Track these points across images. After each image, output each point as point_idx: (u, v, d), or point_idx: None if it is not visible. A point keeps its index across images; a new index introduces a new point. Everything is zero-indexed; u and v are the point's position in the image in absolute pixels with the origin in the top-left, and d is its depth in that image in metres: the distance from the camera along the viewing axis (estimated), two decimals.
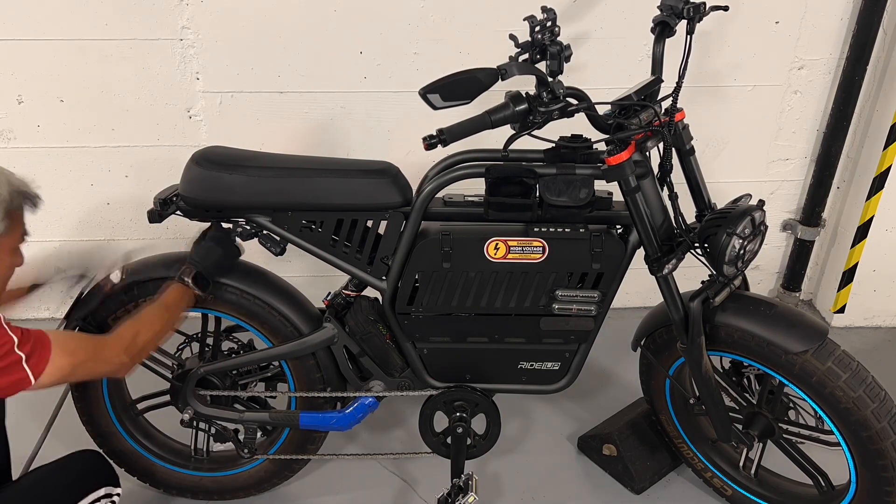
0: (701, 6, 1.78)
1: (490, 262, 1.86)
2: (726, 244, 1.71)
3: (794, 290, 3.15)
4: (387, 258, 1.91)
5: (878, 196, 2.82)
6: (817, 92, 2.79)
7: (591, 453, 2.39)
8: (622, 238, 1.88)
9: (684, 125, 1.85)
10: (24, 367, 1.48)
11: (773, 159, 2.91)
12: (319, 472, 2.34)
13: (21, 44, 2.51)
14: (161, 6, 2.48)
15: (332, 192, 1.85)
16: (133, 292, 1.95)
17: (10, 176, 1.55)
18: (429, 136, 1.56)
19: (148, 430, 2.22)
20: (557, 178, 1.78)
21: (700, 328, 1.84)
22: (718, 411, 1.97)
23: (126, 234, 2.86)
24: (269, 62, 2.59)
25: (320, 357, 2.02)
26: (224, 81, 2.60)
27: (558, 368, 2.02)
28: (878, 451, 1.79)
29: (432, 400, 2.06)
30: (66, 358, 1.54)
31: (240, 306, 1.97)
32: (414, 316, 1.95)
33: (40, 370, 1.50)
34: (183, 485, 2.22)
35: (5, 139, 2.67)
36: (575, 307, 1.90)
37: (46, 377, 1.52)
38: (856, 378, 1.78)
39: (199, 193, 1.87)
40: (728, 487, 2.19)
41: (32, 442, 2.43)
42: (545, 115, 1.57)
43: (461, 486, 1.94)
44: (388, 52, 2.59)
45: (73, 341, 1.61)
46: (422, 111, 1.68)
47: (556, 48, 1.60)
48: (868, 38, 2.63)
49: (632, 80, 1.88)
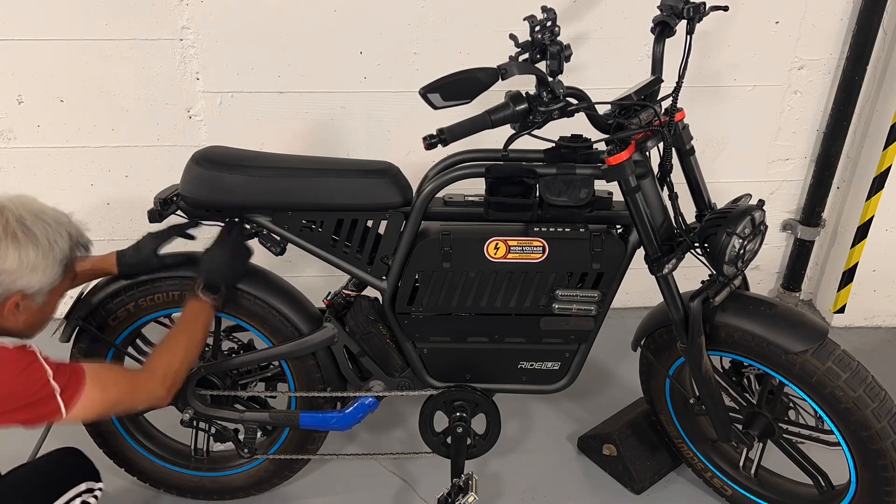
0: (701, 6, 1.78)
1: (490, 261, 1.86)
2: (726, 244, 1.71)
3: (794, 290, 3.15)
4: (387, 258, 1.91)
5: (878, 196, 2.82)
6: (817, 92, 2.79)
7: (591, 453, 2.39)
8: (622, 238, 1.88)
9: (684, 125, 1.85)
10: (57, 399, 1.49)
11: (773, 159, 2.91)
12: (319, 472, 2.34)
13: (21, 44, 2.51)
14: (161, 6, 2.48)
15: (332, 192, 1.85)
16: (133, 292, 1.95)
17: (68, 226, 1.58)
18: (429, 136, 1.56)
19: (148, 430, 2.22)
20: (557, 178, 1.78)
21: (700, 328, 1.84)
22: (718, 411, 1.97)
23: (126, 234, 2.86)
24: (269, 62, 2.59)
25: (320, 357, 2.02)
26: (224, 81, 2.60)
27: (558, 368, 2.02)
28: (878, 450, 1.79)
29: (432, 400, 2.06)
30: (100, 392, 1.56)
31: (240, 306, 1.97)
32: (414, 316, 1.95)
33: (73, 403, 1.51)
34: (183, 485, 2.22)
35: (5, 139, 2.67)
36: (575, 307, 1.90)
37: (80, 410, 1.53)
38: (856, 378, 1.78)
39: (199, 193, 1.87)
40: (728, 487, 2.19)
41: (32, 442, 2.43)
42: (545, 114, 1.57)
43: (461, 486, 1.94)
44: (388, 52, 2.59)
45: (108, 376, 1.63)
46: (422, 111, 1.68)
47: (556, 48, 1.60)
48: (868, 38, 2.63)
49: (632, 80, 1.88)
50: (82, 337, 2.00)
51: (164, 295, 1.95)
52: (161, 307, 1.97)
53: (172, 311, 1.99)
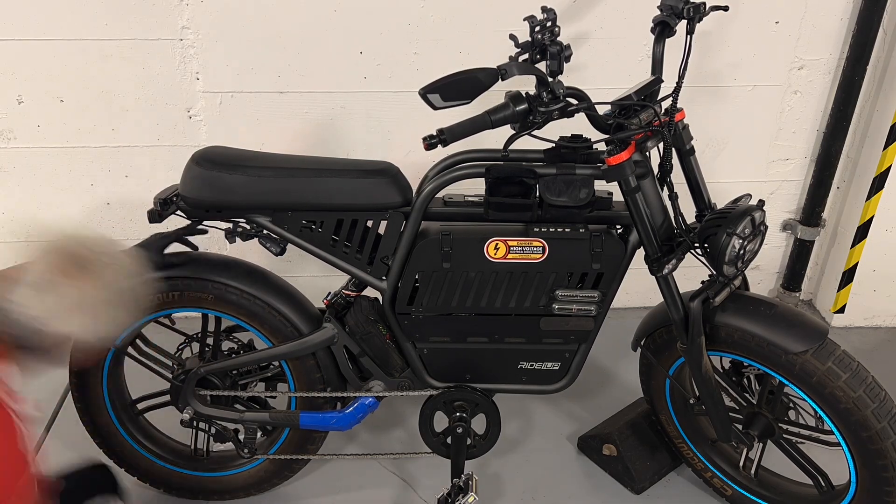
0: (701, 6, 1.78)
1: (490, 262, 1.86)
2: (726, 244, 1.71)
3: (794, 290, 3.15)
4: (387, 258, 1.91)
5: (878, 196, 2.82)
6: (817, 92, 2.79)
7: (591, 453, 2.39)
8: (622, 238, 1.88)
9: (684, 125, 1.85)
10: None
11: (773, 159, 2.91)
12: (319, 472, 2.34)
13: (21, 44, 2.51)
14: (161, 6, 2.48)
15: (332, 192, 1.85)
16: None
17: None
18: (429, 136, 1.56)
19: (148, 430, 2.22)
20: (557, 178, 1.78)
21: (700, 328, 1.84)
22: (718, 411, 1.97)
23: (126, 234, 2.86)
24: (269, 62, 2.59)
25: (320, 357, 2.02)
26: (224, 81, 2.60)
27: (558, 368, 2.02)
28: (878, 451, 1.79)
29: (432, 400, 2.06)
30: None
31: (240, 306, 1.97)
32: (414, 316, 1.95)
33: None
34: (183, 485, 2.22)
35: (5, 139, 2.67)
36: (575, 307, 1.90)
37: None
38: (856, 378, 1.78)
39: (199, 193, 1.87)
40: (728, 487, 2.19)
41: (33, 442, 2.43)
42: (545, 115, 1.57)
43: (461, 486, 1.94)
44: (388, 52, 2.59)
45: None
46: (422, 111, 1.69)
47: (556, 48, 1.60)
48: (868, 38, 2.63)
49: (632, 80, 1.89)
50: None
51: (164, 295, 1.95)
52: (161, 307, 1.97)
53: (172, 311, 1.99)
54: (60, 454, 2.37)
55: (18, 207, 2.79)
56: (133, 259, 1.52)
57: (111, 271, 1.45)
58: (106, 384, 2.08)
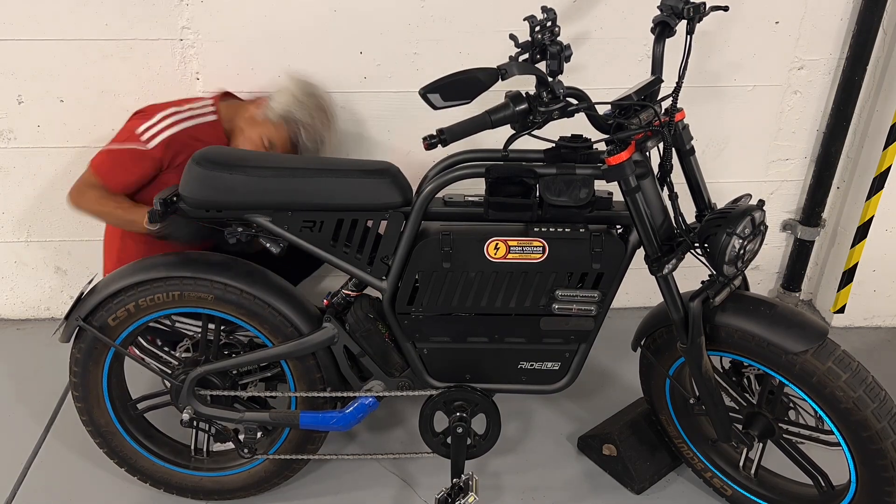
0: (701, 6, 1.78)
1: (490, 262, 1.86)
2: (726, 244, 1.71)
3: (794, 290, 3.15)
4: (387, 258, 1.91)
5: (878, 196, 2.82)
6: (817, 92, 2.79)
7: (591, 453, 2.39)
8: (622, 238, 1.88)
9: (684, 125, 1.86)
10: None
11: (773, 159, 2.91)
12: (319, 472, 2.34)
13: (21, 44, 2.51)
14: (161, 6, 2.48)
15: (332, 192, 1.86)
16: (133, 292, 1.95)
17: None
18: (429, 136, 1.56)
19: (148, 430, 2.22)
20: (557, 178, 1.78)
21: (700, 328, 1.84)
22: (718, 411, 1.97)
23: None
24: (269, 62, 2.58)
25: (320, 357, 2.02)
26: (224, 81, 2.60)
27: (558, 368, 2.02)
28: (878, 451, 1.79)
29: (432, 400, 2.06)
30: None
31: (240, 306, 1.97)
32: (414, 316, 1.95)
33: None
34: (183, 485, 2.22)
35: (5, 139, 2.67)
36: (575, 307, 1.90)
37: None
38: (856, 378, 1.78)
39: (199, 193, 1.87)
40: (728, 487, 2.19)
41: (33, 442, 2.44)
42: (545, 115, 1.57)
43: (461, 486, 1.94)
44: (388, 52, 2.59)
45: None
46: (422, 111, 1.69)
47: (556, 48, 1.60)
48: (868, 38, 2.63)
49: (632, 80, 1.89)
50: (82, 337, 2.00)
51: (164, 295, 1.95)
52: (161, 307, 1.97)
53: (172, 311, 1.99)
54: (60, 454, 2.37)
55: (18, 207, 2.79)
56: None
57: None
58: (106, 384, 2.08)
